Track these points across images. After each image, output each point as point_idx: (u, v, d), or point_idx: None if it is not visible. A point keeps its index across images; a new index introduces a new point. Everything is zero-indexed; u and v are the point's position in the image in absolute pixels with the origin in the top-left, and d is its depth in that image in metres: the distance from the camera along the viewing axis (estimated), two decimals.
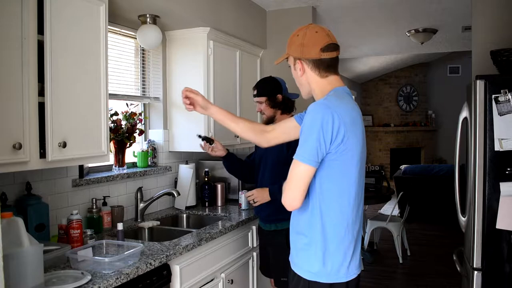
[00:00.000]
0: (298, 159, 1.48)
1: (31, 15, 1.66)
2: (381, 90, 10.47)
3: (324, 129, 1.45)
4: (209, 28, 2.94)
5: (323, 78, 1.61)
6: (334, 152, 1.48)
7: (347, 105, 1.54)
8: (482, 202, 2.21)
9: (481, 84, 2.21)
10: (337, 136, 1.46)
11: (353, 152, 1.51)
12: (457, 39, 5.29)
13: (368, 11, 4.08)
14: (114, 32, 2.75)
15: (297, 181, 1.49)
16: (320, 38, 1.56)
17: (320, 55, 1.56)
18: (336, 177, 1.51)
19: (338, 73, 1.63)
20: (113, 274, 1.72)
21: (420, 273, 4.49)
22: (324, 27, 1.61)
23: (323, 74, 1.60)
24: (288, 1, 3.64)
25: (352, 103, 1.59)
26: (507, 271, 2.19)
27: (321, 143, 1.45)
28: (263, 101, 2.52)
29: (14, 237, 1.47)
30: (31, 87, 1.67)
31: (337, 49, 1.59)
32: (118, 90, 2.77)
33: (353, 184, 1.54)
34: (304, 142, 1.48)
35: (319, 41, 1.56)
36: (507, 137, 2.15)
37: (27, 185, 2.00)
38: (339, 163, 1.49)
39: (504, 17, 2.82)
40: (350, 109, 1.53)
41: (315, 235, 1.54)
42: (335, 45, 1.58)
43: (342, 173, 1.51)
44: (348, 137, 1.48)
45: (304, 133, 1.50)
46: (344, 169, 1.51)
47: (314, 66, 1.59)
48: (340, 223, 1.53)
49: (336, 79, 1.62)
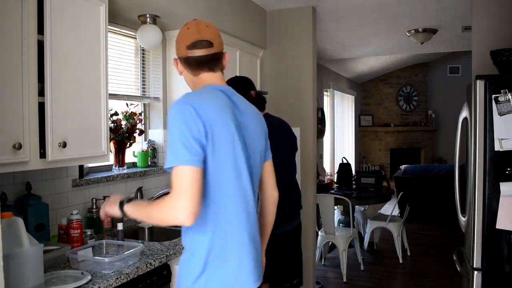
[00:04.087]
0: (174, 164, 1.28)
1: (31, 15, 1.66)
2: (381, 90, 10.46)
3: (186, 122, 1.31)
4: None
5: (195, 76, 1.52)
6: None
7: (210, 99, 1.41)
8: (482, 202, 2.21)
9: (481, 84, 2.21)
10: (202, 127, 1.32)
11: (224, 148, 1.37)
12: (457, 39, 5.29)
13: (368, 11, 4.07)
14: (114, 32, 2.74)
15: (181, 188, 1.26)
16: (189, 35, 1.48)
17: (186, 53, 1.48)
18: (207, 179, 1.35)
19: (215, 69, 1.52)
20: (113, 274, 1.72)
21: (420, 273, 4.49)
22: (202, 23, 1.51)
23: (195, 72, 1.52)
24: (288, 1, 3.64)
25: (221, 99, 1.44)
26: (507, 271, 2.19)
27: (189, 139, 1.30)
28: None
29: (14, 237, 1.47)
30: (31, 87, 1.67)
31: (210, 45, 1.47)
32: (118, 90, 2.77)
33: (229, 186, 1.39)
34: (172, 144, 1.31)
35: (187, 38, 1.48)
36: (507, 137, 2.15)
37: (27, 185, 2.00)
38: (209, 162, 1.34)
39: (504, 17, 2.82)
40: (215, 104, 1.40)
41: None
42: (207, 42, 1.46)
43: (213, 174, 1.36)
44: (214, 131, 1.34)
45: (169, 137, 1.34)
46: (216, 170, 1.36)
47: (185, 64, 1.52)
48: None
49: (210, 76, 1.52)
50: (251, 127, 1.51)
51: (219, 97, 1.45)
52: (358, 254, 4.63)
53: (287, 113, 3.02)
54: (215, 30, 1.52)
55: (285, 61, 3.83)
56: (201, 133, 1.32)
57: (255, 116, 1.56)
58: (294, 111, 3.68)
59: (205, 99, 1.41)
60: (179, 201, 1.26)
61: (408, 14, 4.20)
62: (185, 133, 1.30)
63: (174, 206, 1.27)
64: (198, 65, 1.50)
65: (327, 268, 4.73)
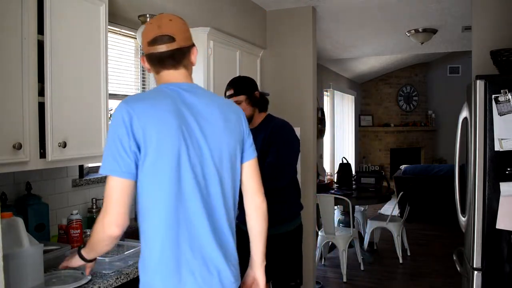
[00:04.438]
0: (102, 172, 1.27)
1: (31, 15, 1.66)
2: (381, 90, 10.46)
3: (119, 129, 1.26)
4: (209, 28, 2.94)
5: (158, 74, 1.44)
6: (142, 155, 1.27)
7: (155, 102, 1.32)
8: (482, 202, 2.21)
9: (481, 84, 2.21)
10: (132, 137, 1.26)
11: (164, 158, 1.29)
12: (457, 39, 5.29)
13: (368, 11, 4.07)
14: (114, 32, 2.75)
15: (108, 198, 1.26)
16: (150, 30, 1.39)
17: (148, 50, 1.40)
18: (146, 188, 1.30)
19: (178, 66, 1.42)
20: (113, 274, 1.72)
21: (420, 273, 4.49)
22: (165, 17, 1.42)
23: (157, 69, 1.43)
24: (288, 1, 3.64)
25: (169, 101, 1.34)
26: (507, 271, 2.19)
27: (119, 149, 1.25)
28: (242, 100, 2.38)
29: (14, 237, 1.47)
30: (31, 87, 1.67)
31: (171, 40, 1.37)
32: (118, 90, 2.77)
33: (167, 197, 1.30)
34: (105, 151, 1.28)
35: (147, 34, 1.40)
36: (507, 137, 2.15)
37: (27, 185, 2.00)
38: (146, 170, 1.28)
39: (504, 17, 2.82)
40: (158, 108, 1.31)
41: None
42: (168, 37, 1.37)
43: (147, 185, 1.30)
44: (152, 139, 1.27)
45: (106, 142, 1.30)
46: (150, 181, 1.29)
47: (149, 61, 1.43)
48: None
49: (171, 74, 1.42)
50: (212, 128, 1.39)
51: (167, 99, 1.34)
52: (358, 254, 4.63)
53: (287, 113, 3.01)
54: (180, 24, 1.41)
55: (285, 61, 3.83)
56: (133, 142, 1.26)
57: (223, 115, 1.43)
58: (294, 111, 3.67)
59: (147, 103, 1.32)
60: (106, 213, 1.27)
61: (408, 14, 4.20)
62: (116, 142, 1.26)
63: (103, 222, 1.28)
64: (159, 62, 1.41)
65: (327, 268, 4.73)
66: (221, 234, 1.40)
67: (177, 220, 1.31)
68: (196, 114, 1.37)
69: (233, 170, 1.45)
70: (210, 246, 1.36)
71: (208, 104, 1.42)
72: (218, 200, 1.40)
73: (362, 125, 10.27)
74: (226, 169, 1.42)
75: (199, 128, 1.36)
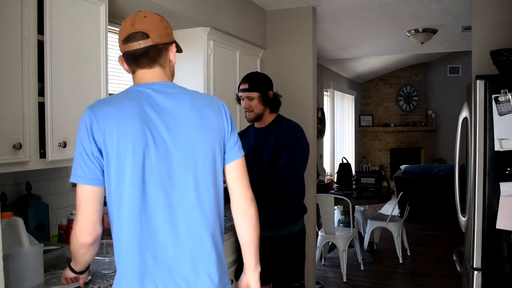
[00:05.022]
0: (72, 180, 1.26)
1: (31, 15, 1.66)
2: (381, 90, 10.46)
3: (82, 135, 1.25)
4: (209, 28, 2.94)
5: (134, 74, 1.38)
6: (105, 162, 1.24)
7: (121, 105, 1.27)
8: (482, 202, 2.21)
9: (481, 84, 2.21)
10: (93, 143, 1.24)
11: (126, 160, 1.23)
12: (457, 39, 5.29)
13: (368, 11, 4.07)
14: (114, 32, 2.74)
15: (78, 206, 1.25)
16: (124, 28, 1.35)
17: (123, 48, 1.35)
18: (112, 194, 1.27)
19: (153, 65, 1.36)
20: (113, 274, 1.72)
21: (420, 273, 4.49)
22: (141, 14, 1.38)
23: (133, 69, 1.37)
24: (288, 1, 3.64)
25: (135, 103, 1.28)
26: (507, 271, 2.19)
27: (83, 155, 1.24)
28: (255, 97, 2.34)
29: (14, 237, 1.47)
30: (31, 87, 1.67)
31: (145, 37, 1.32)
32: (118, 90, 2.77)
33: (129, 204, 1.25)
34: (74, 158, 1.27)
35: (122, 32, 1.35)
36: (507, 137, 2.15)
37: (27, 185, 2.00)
38: (110, 176, 1.25)
39: (504, 17, 2.82)
40: (121, 110, 1.26)
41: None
42: (141, 34, 1.32)
43: (115, 189, 1.26)
44: (113, 141, 1.23)
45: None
46: (116, 187, 1.25)
47: (126, 61, 1.37)
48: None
49: (144, 74, 1.36)
50: (182, 128, 1.31)
51: (131, 100, 1.28)
52: (358, 254, 4.63)
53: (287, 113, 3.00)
54: (155, 21, 1.36)
55: (285, 61, 3.83)
56: (94, 148, 1.24)
57: (199, 113, 1.34)
58: (294, 111, 3.66)
59: (109, 106, 1.27)
60: (78, 221, 1.26)
61: (408, 14, 4.20)
62: (80, 149, 1.25)
63: (75, 230, 1.27)
64: (134, 61, 1.34)
65: (327, 268, 4.73)
66: (196, 243, 1.31)
67: (140, 228, 1.26)
68: (164, 114, 1.29)
69: (213, 171, 1.35)
70: (176, 256, 1.29)
71: (181, 103, 1.33)
72: (193, 206, 1.31)
73: (362, 125, 10.28)
74: (202, 172, 1.33)
75: (166, 129, 1.28)
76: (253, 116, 2.40)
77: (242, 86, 2.40)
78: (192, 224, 1.31)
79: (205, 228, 1.33)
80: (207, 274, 1.33)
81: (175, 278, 1.28)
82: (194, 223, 1.31)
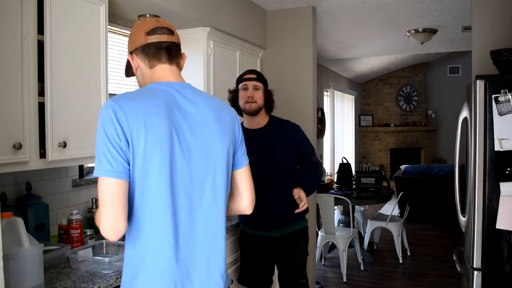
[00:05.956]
0: (96, 174, 1.21)
1: (31, 15, 1.66)
2: (381, 90, 10.46)
3: (107, 127, 1.20)
4: (209, 28, 2.94)
5: (151, 68, 1.38)
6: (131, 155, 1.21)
7: (146, 100, 1.26)
8: (482, 202, 2.21)
9: (481, 84, 2.21)
10: (121, 133, 1.20)
11: (155, 157, 1.22)
12: (457, 39, 5.29)
13: (368, 11, 4.07)
14: (114, 32, 2.75)
15: (103, 202, 1.20)
16: (147, 23, 1.38)
17: (146, 40, 1.35)
18: (139, 190, 1.24)
19: (172, 62, 1.39)
20: (113, 274, 1.72)
21: (420, 273, 4.49)
22: (158, 18, 1.44)
23: (151, 63, 1.37)
24: (288, 1, 3.64)
25: (160, 100, 1.28)
26: (507, 271, 2.19)
27: (108, 147, 1.19)
28: (261, 88, 2.37)
29: (14, 237, 1.47)
30: (31, 87, 1.67)
31: (171, 33, 1.37)
32: (118, 90, 2.77)
33: (158, 200, 1.24)
34: (96, 152, 1.22)
35: (145, 26, 1.36)
36: (507, 137, 2.15)
37: (27, 185, 2.00)
38: (138, 171, 1.22)
39: (504, 17, 2.82)
40: (149, 105, 1.25)
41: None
42: (168, 29, 1.37)
43: (139, 186, 1.24)
44: (140, 137, 1.20)
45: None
46: (142, 182, 1.23)
47: (143, 55, 1.37)
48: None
49: (165, 70, 1.38)
50: (203, 131, 1.33)
51: (158, 99, 1.28)
52: (358, 254, 4.63)
53: (287, 113, 3.01)
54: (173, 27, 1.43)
55: (285, 61, 3.83)
56: (121, 139, 1.19)
57: (216, 116, 1.38)
58: (294, 111, 3.67)
59: (136, 100, 1.26)
60: (102, 218, 1.20)
61: (408, 14, 4.20)
62: (105, 141, 1.19)
63: (100, 223, 1.22)
64: (156, 53, 1.36)
65: (327, 268, 4.73)
66: (211, 242, 1.35)
67: (172, 229, 1.26)
68: (188, 116, 1.31)
69: (227, 174, 1.40)
70: (194, 255, 1.31)
71: (200, 106, 1.36)
72: (210, 206, 1.34)
73: (362, 125, 10.28)
74: (219, 174, 1.36)
75: (190, 130, 1.30)
76: (255, 107, 2.37)
77: (248, 76, 2.41)
78: (209, 224, 1.34)
79: (219, 228, 1.37)
80: (219, 272, 1.37)
81: (191, 277, 1.31)
82: (210, 223, 1.35)
